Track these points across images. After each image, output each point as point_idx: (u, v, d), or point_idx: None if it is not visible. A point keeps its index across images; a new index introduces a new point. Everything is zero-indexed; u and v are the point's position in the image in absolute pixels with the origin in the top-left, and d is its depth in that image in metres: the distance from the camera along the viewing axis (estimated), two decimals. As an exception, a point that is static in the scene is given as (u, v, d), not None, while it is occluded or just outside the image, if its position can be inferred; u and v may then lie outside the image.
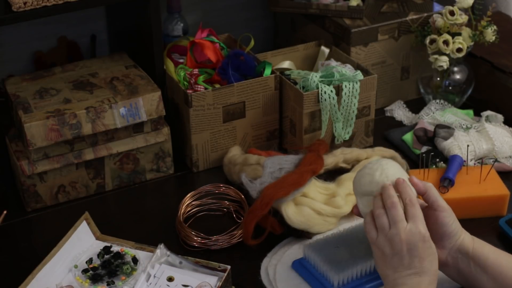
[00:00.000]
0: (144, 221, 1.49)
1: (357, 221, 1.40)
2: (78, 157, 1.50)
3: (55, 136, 1.45)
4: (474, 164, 1.57)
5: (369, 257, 1.25)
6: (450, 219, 1.18)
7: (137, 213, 1.51)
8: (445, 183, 1.46)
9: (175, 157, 1.62)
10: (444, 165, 1.54)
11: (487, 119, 1.69)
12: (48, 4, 1.42)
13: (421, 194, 1.19)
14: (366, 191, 1.19)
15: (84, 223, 1.39)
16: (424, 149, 1.64)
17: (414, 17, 1.79)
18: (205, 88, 1.60)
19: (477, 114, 1.73)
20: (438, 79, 1.79)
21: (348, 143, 1.65)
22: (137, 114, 1.51)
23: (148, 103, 1.52)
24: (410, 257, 1.10)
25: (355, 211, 1.25)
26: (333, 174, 1.50)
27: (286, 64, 1.74)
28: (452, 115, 1.72)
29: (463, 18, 1.72)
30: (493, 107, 1.74)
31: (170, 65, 1.67)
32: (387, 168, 1.20)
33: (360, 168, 1.24)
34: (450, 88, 1.79)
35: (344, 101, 1.59)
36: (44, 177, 1.49)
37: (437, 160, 1.56)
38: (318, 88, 1.56)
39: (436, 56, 1.73)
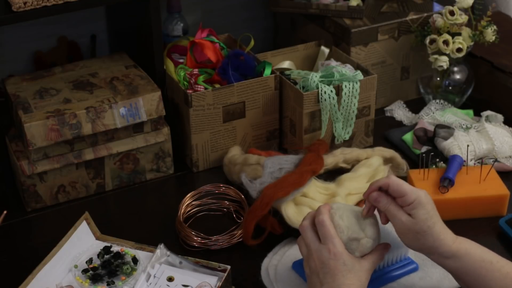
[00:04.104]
0: (144, 221, 1.49)
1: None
2: (78, 157, 1.50)
3: (55, 136, 1.45)
4: (474, 164, 1.58)
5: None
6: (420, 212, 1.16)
7: (137, 213, 1.51)
8: (445, 183, 1.46)
9: (175, 157, 1.63)
10: (444, 165, 1.54)
11: (487, 119, 1.69)
12: (48, 4, 1.42)
13: (386, 189, 1.19)
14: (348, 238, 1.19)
15: (84, 223, 1.39)
16: (424, 149, 1.64)
17: (414, 17, 1.79)
18: (205, 88, 1.60)
19: (477, 114, 1.73)
20: (438, 79, 1.79)
21: (348, 143, 1.65)
22: (137, 114, 1.51)
23: (148, 103, 1.52)
24: (323, 274, 1.15)
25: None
26: (333, 174, 1.50)
27: (286, 64, 1.74)
28: (452, 115, 1.72)
29: (463, 18, 1.72)
30: (493, 107, 1.74)
31: (170, 65, 1.67)
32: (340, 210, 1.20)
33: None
34: (450, 88, 1.79)
35: (344, 101, 1.59)
36: (44, 177, 1.49)
37: (437, 160, 1.56)
38: (318, 88, 1.56)
39: (436, 56, 1.73)
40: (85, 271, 1.30)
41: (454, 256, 1.16)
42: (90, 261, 1.32)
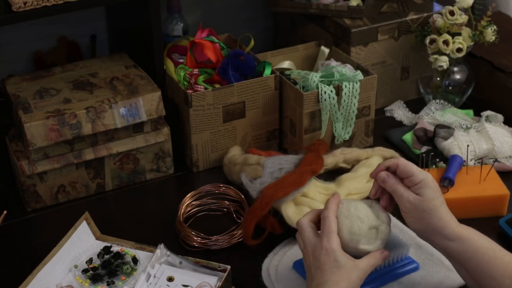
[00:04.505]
0: (144, 221, 1.49)
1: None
2: (78, 157, 1.50)
3: (55, 136, 1.45)
4: (474, 164, 1.58)
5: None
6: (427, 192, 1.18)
7: (137, 213, 1.51)
8: (445, 183, 1.46)
9: (175, 157, 1.62)
10: (444, 165, 1.54)
11: (487, 119, 1.69)
12: (48, 4, 1.42)
13: (394, 170, 1.20)
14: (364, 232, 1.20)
15: (84, 223, 1.39)
16: (424, 149, 1.64)
17: (414, 17, 1.79)
18: (205, 88, 1.60)
19: (477, 114, 1.73)
20: (438, 79, 1.79)
21: (348, 143, 1.65)
22: (137, 114, 1.51)
23: (148, 103, 1.52)
24: (315, 268, 1.16)
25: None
26: (333, 174, 1.51)
27: (286, 64, 1.74)
28: (452, 115, 1.72)
29: (463, 18, 1.72)
30: (493, 107, 1.74)
31: (170, 65, 1.67)
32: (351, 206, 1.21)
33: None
34: (450, 88, 1.79)
35: (344, 101, 1.59)
36: (44, 177, 1.49)
37: (437, 160, 1.56)
38: (318, 88, 1.56)
39: (436, 56, 1.73)
40: (85, 271, 1.30)
41: (457, 238, 1.16)
42: (90, 261, 1.32)
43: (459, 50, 1.71)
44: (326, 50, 1.76)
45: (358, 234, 1.18)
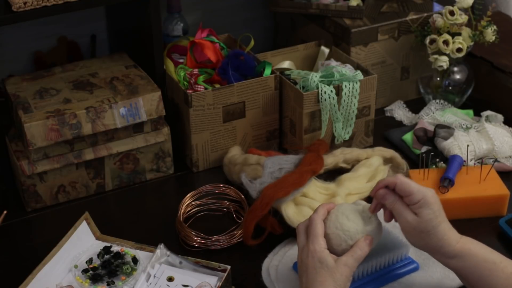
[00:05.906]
0: (144, 221, 1.49)
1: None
2: (78, 157, 1.50)
3: (55, 136, 1.45)
4: (474, 164, 1.58)
5: (371, 258, 1.25)
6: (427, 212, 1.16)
7: (137, 213, 1.51)
8: (445, 183, 1.46)
9: (175, 157, 1.63)
10: (444, 165, 1.54)
11: (487, 119, 1.69)
12: (48, 4, 1.42)
13: (393, 187, 1.18)
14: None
15: (84, 223, 1.39)
16: (424, 149, 1.64)
17: (414, 17, 1.79)
18: (205, 88, 1.60)
19: (477, 114, 1.73)
20: (438, 79, 1.79)
21: (348, 143, 1.65)
22: (137, 114, 1.51)
23: (148, 103, 1.52)
24: (301, 272, 1.17)
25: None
26: (333, 174, 1.50)
27: (286, 64, 1.74)
28: (452, 115, 1.72)
29: (463, 18, 1.72)
30: (493, 107, 1.74)
31: (170, 65, 1.67)
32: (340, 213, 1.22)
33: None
34: (450, 88, 1.79)
35: (344, 101, 1.59)
36: (44, 177, 1.49)
37: (437, 160, 1.56)
38: (318, 88, 1.56)
39: (436, 56, 1.73)
40: (85, 271, 1.30)
41: (457, 256, 1.16)
42: (90, 261, 1.32)
43: (459, 50, 1.71)
44: (326, 50, 1.76)
45: (353, 229, 1.18)
